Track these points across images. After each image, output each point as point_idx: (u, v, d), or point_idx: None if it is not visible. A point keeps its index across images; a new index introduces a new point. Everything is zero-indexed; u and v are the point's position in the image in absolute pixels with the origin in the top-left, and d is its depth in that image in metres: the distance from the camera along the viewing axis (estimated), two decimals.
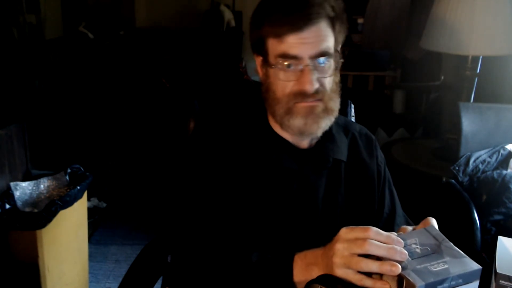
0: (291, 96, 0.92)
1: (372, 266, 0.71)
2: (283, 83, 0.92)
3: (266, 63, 0.95)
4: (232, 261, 0.89)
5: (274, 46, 0.91)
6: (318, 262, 0.79)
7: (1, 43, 3.36)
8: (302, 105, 0.92)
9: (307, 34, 0.89)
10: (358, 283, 0.72)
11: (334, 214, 1.00)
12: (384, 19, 3.94)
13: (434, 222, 0.81)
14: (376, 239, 0.72)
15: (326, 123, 0.95)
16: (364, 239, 0.72)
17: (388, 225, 1.06)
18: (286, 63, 0.90)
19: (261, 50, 0.95)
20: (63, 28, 4.37)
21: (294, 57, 0.89)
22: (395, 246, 0.71)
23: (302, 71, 0.90)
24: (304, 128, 0.93)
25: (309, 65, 0.89)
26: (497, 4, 2.08)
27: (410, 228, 0.81)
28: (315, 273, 0.78)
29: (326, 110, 0.94)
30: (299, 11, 0.88)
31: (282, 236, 0.96)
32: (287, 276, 0.82)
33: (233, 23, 4.78)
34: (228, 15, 4.70)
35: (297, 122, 0.93)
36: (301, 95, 0.91)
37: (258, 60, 0.98)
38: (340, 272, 0.73)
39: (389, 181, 1.11)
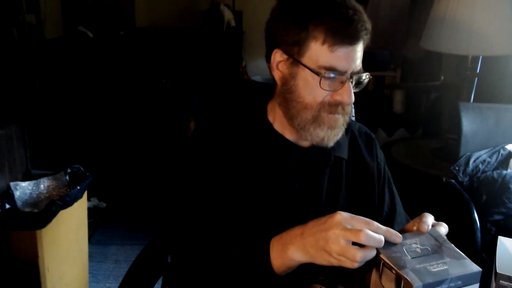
0: (323, 104, 0.90)
1: (375, 236, 0.71)
2: (318, 90, 0.89)
3: (296, 64, 0.90)
4: (222, 258, 0.89)
5: (320, 53, 0.87)
6: (296, 241, 0.79)
7: (1, 43, 3.36)
8: (330, 117, 0.91)
9: (355, 49, 0.88)
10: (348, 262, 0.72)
11: None
12: (384, 19, 3.94)
13: (430, 217, 0.81)
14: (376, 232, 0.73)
15: (340, 135, 0.96)
16: (363, 231, 0.72)
17: (388, 224, 1.06)
18: (332, 75, 0.88)
19: (294, 49, 0.90)
20: (63, 27, 4.37)
21: (340, 72, 0.88)
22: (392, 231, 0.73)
23: (342, 83, 0.89)
24: (324, 140, 0.94)
25: (351, 79, 0.89)
26: (497, 4, 2.08)
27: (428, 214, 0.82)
28: (290, 252, 0.79)
29: (344, 123, 0.95)
30: (356, 24, 0.86)
31: None
32: (265, 262, 0.81)
33: (233, 23, 4.78)
34: (228, 15, 4.69)
35: (321, 133, 0.92)
36: (335, 106, 0.91)
37: (282, 57, 0.92)
38: (336, 247, 0.73)
39: (389, 180, 1.11)
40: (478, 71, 2.36)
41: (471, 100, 2.37)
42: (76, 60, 3.92)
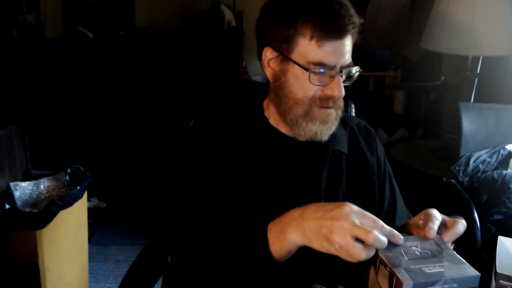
0: (314, 99, 0.91)
1: (381, 239, 0.70)
2: (308, 85, 0.90)
3: (286, 60, 0.92)
4: (220, 248, 0.88)
5: (308, 48, 0.88)
6: (294, 223, 0.78)
7: (1, 43, 3.36)
8: (322, 111, 0.92)
9: (343, 43, 0.89)
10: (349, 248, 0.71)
11: None
12: (384, 19, 3.94)
13: (437, 221, 0.80)
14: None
15: (334, 129, 0.97)
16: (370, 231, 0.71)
17: (389, 219, 1.06)
18: (322, 70, 0.89)
19: (284, 46, 0.91)
20: (63, 28, 4.37)
21: (329, 66, 0.89)
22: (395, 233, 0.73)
23: (332, 77, 0.90)
24: (317, 135, 0.94)
25: (341, 73, 0.90)
26: (497, 4, 2.08)
27: (435, 212, 0.81)
28: (289, 234, 0.78)
29: (337, 117, 0.96)
30: (343, 19, 0.87)
31: None
32: (263, 245, 0.80)
33: (233, 23, 4.78)
34: (228, 15, 4.69)
35: (314, 127, 0.93)
36: (326, 100, 0.91)
37: (272, 54, 0.94)
38: (340, 240, 0.71)
39: (389, 175, 1.11)
40: (478, 71, 2.36)
41: (471, 100, 2.37)
42: (76, 60, 3.92)
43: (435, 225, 0.78)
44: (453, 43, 2.12)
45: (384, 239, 0.71)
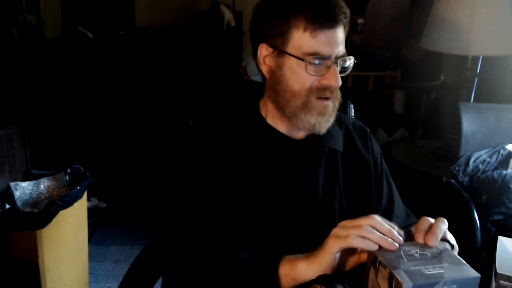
0: (312, 90, 0.93)
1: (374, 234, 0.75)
2: (305, 77, 0.92)
3: (281, 54, 0.93)
4: (222, 259, 0.89)
5: (303, 40, 0.90)
6: (306, 256, 0.82)
7: (1, 43, 3.36)
8: (319, 102, 0.94)
9: (336, 34, 0.91)
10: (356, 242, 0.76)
11: (332, 206, 1.00)
12: (384, 19, 3.94)
13: (445, 222, 0.80)
14: (376, 227, 0.76)
15: (331, 121, 0.98)
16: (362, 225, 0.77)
17: (386, 217, 1.06)
18: (316, 61, 0.91)
19: (278, 41, 0.93)
20: (63, 28, 4.37)
21: (324, 57, 0.91)
22: (388, 238, 0.74)
23: (328, 67, 0.92)
24: (315, 127, 0.95)
25: (336, 63, 0.92)
26: (497, 4, 2.09)
27: (431, 220, 0.81)
28: (302, 261, 0.81)
29: (334, 109, 0.97)
30: (334, 9, 0.90)
31: (280, 229, 0.96)
32: (273, 267, 0.83)
33: (233, 23, 4.78)
34: (228, 15, 4.70)
35: (312, 119, 0.94)
36: (323, 90, 0.93)
37: (267, 51, 0.95)
38: (334, 243, 0.78)
39: (386, 173, 1.12)
40: (478, 71, 2.35)
41: (471, 100, 2.37)
42: (76, 60, 3.92)
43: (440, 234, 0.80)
44: (453, 43, 2.12)
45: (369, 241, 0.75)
